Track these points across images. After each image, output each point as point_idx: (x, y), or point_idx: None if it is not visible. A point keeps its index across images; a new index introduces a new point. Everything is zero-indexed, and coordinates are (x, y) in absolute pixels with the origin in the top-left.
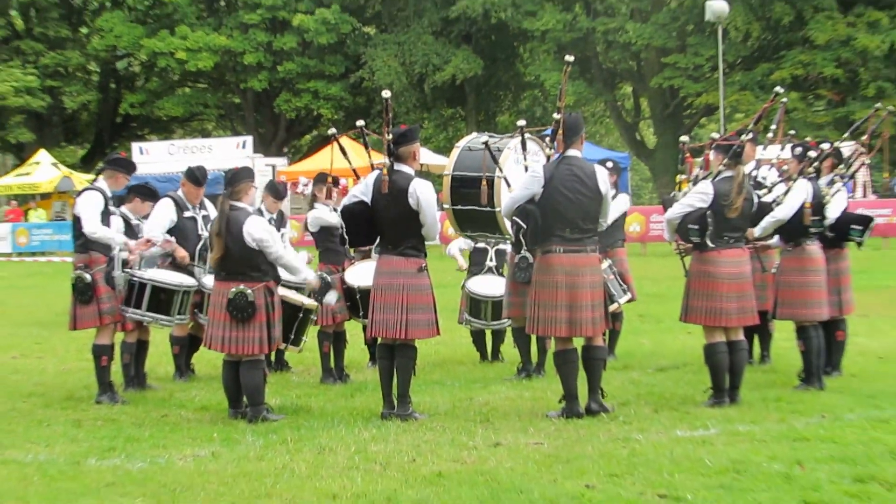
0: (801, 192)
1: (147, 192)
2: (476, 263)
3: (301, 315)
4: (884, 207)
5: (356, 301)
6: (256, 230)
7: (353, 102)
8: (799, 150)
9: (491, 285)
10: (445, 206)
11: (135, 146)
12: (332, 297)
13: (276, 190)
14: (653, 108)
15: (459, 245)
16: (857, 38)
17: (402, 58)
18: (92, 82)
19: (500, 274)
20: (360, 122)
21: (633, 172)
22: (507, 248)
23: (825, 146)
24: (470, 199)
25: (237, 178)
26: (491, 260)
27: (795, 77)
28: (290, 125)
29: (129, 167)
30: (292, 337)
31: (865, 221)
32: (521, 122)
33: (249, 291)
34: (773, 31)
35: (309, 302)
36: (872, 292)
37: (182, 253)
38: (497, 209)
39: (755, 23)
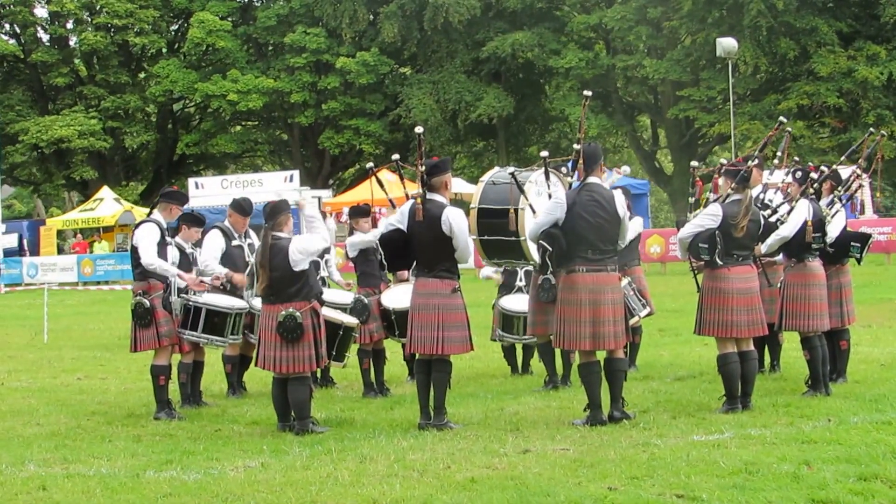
0: (803, 211)
1: (194, 220)
2: (507, 284)
3: (342, 333)
4: (885, 225)
5: (392, 321)
6: (301, 244)
7: (392, 138)
8: (799, 173)
9: (521, 302)
10: (473, 237)
11: (191, 181)
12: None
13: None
14: (669, 137)
15: (491, 269)
16: (857, 70)
17: (437, 95)
18: (150, 123)
19: (529, 293)
20: (395, 156)
21: (653, 197)
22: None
23: (824, 169)
24: (495, 229)
25: (276, 211)
26: (520, 280)
27: (801, 107)
28: (335, 159)
29: (181, 199)
30: (335, 353)
31: (864, 239)
32: (544, 153)
33: (298, 314)
34: (780, 65)
35: (349, 320)
36: (875, 305)
37: (238, 277)
38: (521, 238)
39: (763, 57)
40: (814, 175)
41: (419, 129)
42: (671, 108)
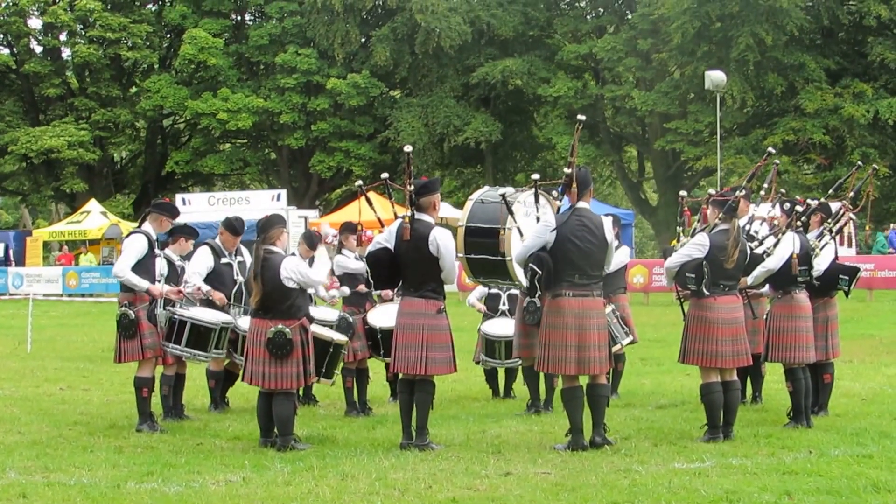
0: (789, 244)
1: (188, 231)
2: (490, 308)
3: (331, 350)
4: (868, 262)
5: (377, 341)
6: (291, 265)
7: (381, 160)
8: (787, 205)
9: (504, 327)
10: (459, 255)
11: (178, 197)
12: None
13: (310, 240)
14: (656, 169)
15: (477, 295)
16: (843, 108)
17: (426, 119)
18: (140, 138)
19: (513, 317)
20: (385, 175)
21: (637, 229)
22: (518, 292)
23: (812, 202)
24: (482, 248)
25: (269, 225)
26: (504, 304)
27: (787, 142)
28: (322, 180)
29: (172, 211)
30: (324, 371)
31: (852, 272)
32: (535, 176)
33: (288, 330)
34: (767, 100)
35: (339, 338)
36: (857, 340)
37: (219, 296)
38: (508, 258)
39: (750, 92)
40: (799, 208)
41: (408, 148)
42: (658, 140)
